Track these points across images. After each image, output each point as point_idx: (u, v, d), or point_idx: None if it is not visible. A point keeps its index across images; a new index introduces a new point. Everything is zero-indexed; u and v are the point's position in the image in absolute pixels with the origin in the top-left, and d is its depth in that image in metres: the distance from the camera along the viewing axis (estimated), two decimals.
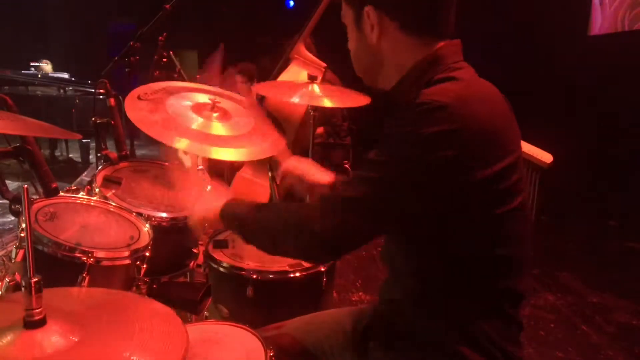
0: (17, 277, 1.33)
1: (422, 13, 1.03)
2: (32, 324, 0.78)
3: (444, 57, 1.04)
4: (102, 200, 1.61)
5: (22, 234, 1.35)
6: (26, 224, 0.80)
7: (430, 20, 1.04)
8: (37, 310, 0.79)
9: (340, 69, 3.75)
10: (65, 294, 0.99)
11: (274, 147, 1.76)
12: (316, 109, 2.40)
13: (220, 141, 1.66)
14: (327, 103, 2.21)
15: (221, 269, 1.62)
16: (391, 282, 1.19)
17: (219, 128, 1.72)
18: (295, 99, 2.20)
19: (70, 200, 1.55)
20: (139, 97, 1.69)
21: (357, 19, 1.08)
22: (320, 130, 3.76)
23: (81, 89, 6.08)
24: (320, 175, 1.41)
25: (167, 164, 2.00)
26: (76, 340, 0.79)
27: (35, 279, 0.78)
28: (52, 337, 0.78)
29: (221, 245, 1.75)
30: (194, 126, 1.68)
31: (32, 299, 0.78)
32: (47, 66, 6.76)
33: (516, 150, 1.00)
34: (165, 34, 3.47)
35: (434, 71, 1.02)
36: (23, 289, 0.78)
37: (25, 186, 0.79)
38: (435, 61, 1.03)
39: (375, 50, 1.08)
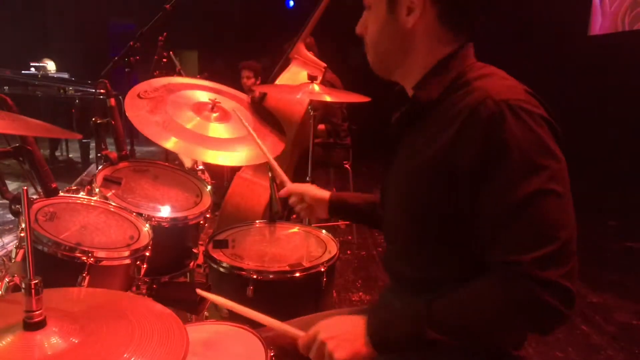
0: (17, 279, 1.33)
1: (461, 4, 0.98)
2: (32, 325, 0.78)
3: (467, 56, 1.00)
4: (102, 200, 1.61)
5: (22, 234, 1.35)
6: (26, 224, 0.80)
7: (466, 14, 0.98)
8: (37, 312, 0.78)
9: (340, 69, 3.77)
10: (65, 295, 0.99)
11: (273, 150, 1.76)
12: (316, 108, 2.40)
13: (218, 144, 1.66)
14: (328, 98, 2.22)
15: (221, 269, 1.62)
16: (397, 290, 1.16)
17: (218, 130, 1.72)
18: (298, 95, 2.21)
19: (70, 200, 1.55)
20: (139, 96, 1.69)
21: (391, 0, 0.98)
22: (321, 127, 3.77)
23: (81, 89, 6.08)
24: (320, 192, 1.43)
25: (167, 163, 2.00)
26: (76, 341, 0.79)
27: (36, 281, 0.78)
28: (52, 339, 0.78)
29: (221, 245, 1.75)
30: (193, 128, 1.69)
31: (32, 301, 0.78)
32: (49, 65, 6.75)
33: None
34: (165, 34, 3.47)
35: (461, 69, 0.98)
36: (23, 290, 0.78)
37: (25, 187, 0.79)
38: (459, 58, 0.99)
39: (405, 36, 1.00)
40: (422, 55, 1.01)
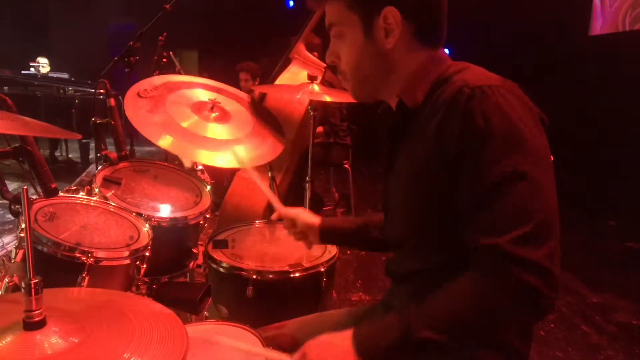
0: (16, 279, 1.33)
1: (435, 18, 1.02)
2: (31, 325, 0.78)
3: (443, 59, 1.05)
4: (102, 200, 1.61)
5: (22, 234, 1.35)
6: (26, 224, 0.80)
7: (439, 27, 1.03)
8: (37, 312, 0.78)
9: None
10: (65, 295, 0.99)
11: (273, 150, 1.76)
12: (316, 109, 2.40)
13: (218, 145, 1.66)
14: (328, 98, 2.22)
15: (221, 269, 1.62)
16: (400, 293, 1.17)
17: (217, 130, 1.71)
18: (298, 95, 2.21)
19: (70, 201, 1.55)
20: (138, 94, 1.69)
21: (367, 23, 1.00)
22: (319, 129, 3.77)
23: (81, 89, 6.08)
24: (310, 218, 1.39)
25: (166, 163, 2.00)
26: (76, 341, 0.79)
27: (35, 280, 0.78)
28: (52, 339, 0.78)
29: (221, 245, 1.75)
30: (191, 128, 1.68)
31: (32, 301, 0.78)
32: (43, 68, 6.77)
33: None
34: (165, 34, 3.47)
35: (440, 70, 1.01)
36: (23, 290, 0.78)
37: (25, 187, 0.79)
38: (438, 61, 1.03)
39: (386, 57, 1.02)
40: (403, 70, 1.04)
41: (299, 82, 2.44)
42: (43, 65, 6.79)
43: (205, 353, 1.15)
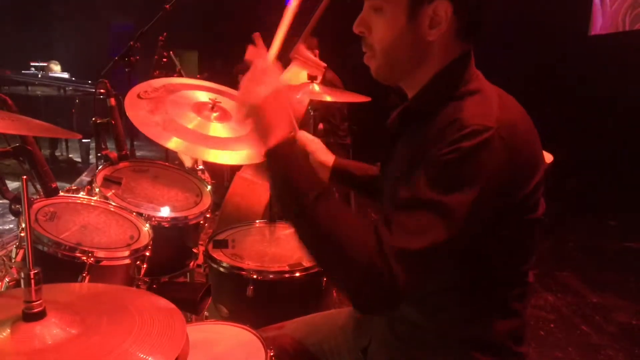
0: (14, 270, 1.33)
1: (481, 17, 0.98)
2: (31, 316, 0.79)
3: (467, 65, 1.00)
4: (102, 200, 1.61)
5: (22, 234, 1.35)
6: (24, 212, 0.80)
7: (481, 26, 0.99)
8: (37, 303, 0.79)
9: (340, 69, 3.77)
10: (66, 289, 0.99)
11: None
12: (316, 109, 2.40)
13: (219, 143, 1.66)
14: (328, 98, 2.22)
15: (221, 269, 1.62)
16: None
17: (218, 129, 1.72)
18: (298, 95, 2.21)
19: (70, 200, 1.55)
20: (138, 96, 1.69)
21: (414, 8, 0.94)
22: (320, 126, 3.77)
23: (81, 89, 6.08)
24: (325, 156, 1.44)
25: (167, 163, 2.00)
26: (76, 332, 0.79)
27: (35, 271, 0.78)
28: (52, 330, 0.79)
29: (221, 245, 1.75)
30: (193, 127, 1.69)
31: (32, 292, 0.78)
32: (55, 67, 6.85)
33: (543, 162, 0.98)
34: (165, 34, 3.47)
35: (457, 80, 0.97)
36: (22, 281, 0.78)
37: (25, 177, 0.79)
38: (460, 68, 0.99)
39: (423, 48, 0.97)
40: (433, 65, 1.00)
41: (299, 82, 2.44)
42: (56, 72, 6.86)
43: (205, 353, 1.16)
